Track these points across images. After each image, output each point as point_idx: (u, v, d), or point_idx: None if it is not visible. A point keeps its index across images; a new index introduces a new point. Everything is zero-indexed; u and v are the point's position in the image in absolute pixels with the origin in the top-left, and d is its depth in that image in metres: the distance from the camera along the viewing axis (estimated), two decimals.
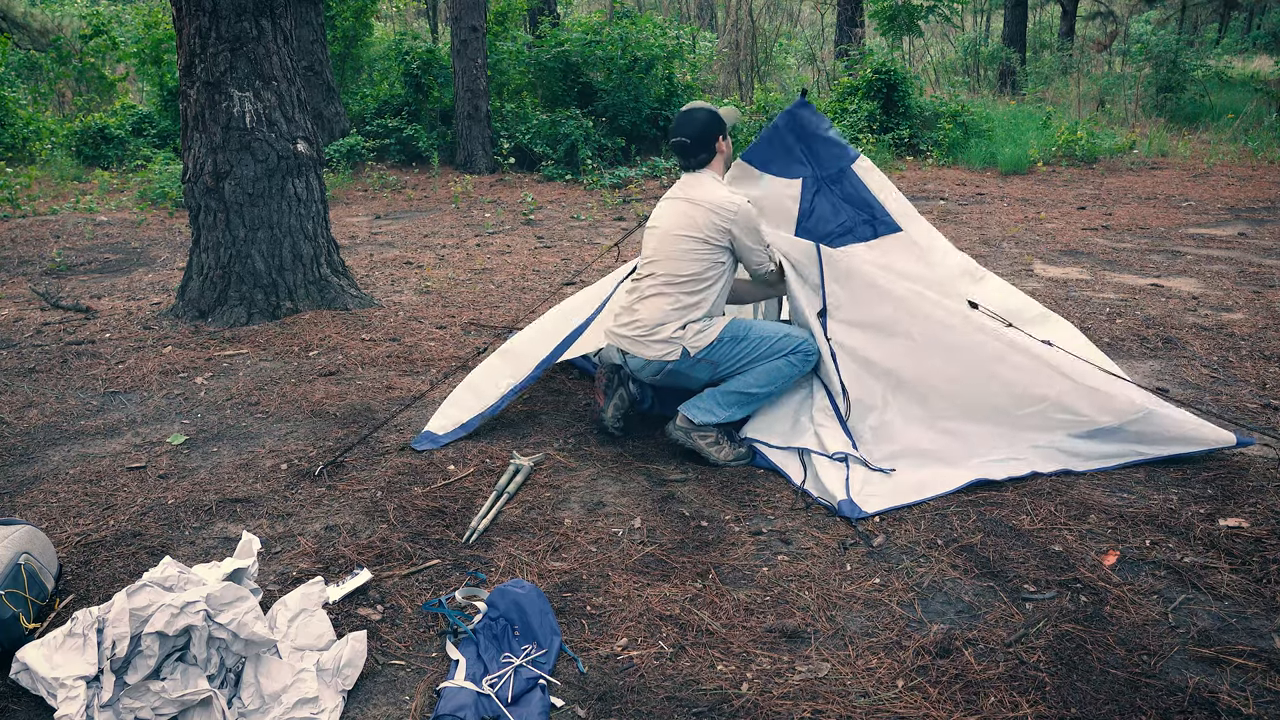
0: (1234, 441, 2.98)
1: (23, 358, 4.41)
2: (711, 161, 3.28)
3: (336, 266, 5.23)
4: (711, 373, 3.18)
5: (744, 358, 3.16)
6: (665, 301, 3.15)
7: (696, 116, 3.25)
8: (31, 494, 3.01)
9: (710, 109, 3.29)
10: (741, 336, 3.16)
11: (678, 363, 3.15)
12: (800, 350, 3.17)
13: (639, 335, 3.18)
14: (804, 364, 3.19)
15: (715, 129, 3.25)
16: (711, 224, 3.12)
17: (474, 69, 10.68)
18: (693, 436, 3.16)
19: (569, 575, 2.51)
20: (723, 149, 3.29)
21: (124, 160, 11.23)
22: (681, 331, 3.13)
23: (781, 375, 3.17)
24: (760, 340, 3.16)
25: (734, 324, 3.19)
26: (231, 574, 2.21)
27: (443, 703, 1.98)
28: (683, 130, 3.23)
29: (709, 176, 3.25)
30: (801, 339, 3.20)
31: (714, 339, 3.14)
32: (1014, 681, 2.04)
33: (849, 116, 12.19)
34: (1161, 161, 10.95)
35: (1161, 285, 5.53)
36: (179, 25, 4.67)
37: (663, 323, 3.14)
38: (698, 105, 3.30)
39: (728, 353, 3.15)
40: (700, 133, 3.22)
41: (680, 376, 3.20)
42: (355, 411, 3.68)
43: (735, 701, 2.00)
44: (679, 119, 3.26)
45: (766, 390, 3.18)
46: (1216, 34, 21.10)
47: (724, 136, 3.28)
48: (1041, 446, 3.06)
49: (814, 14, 25.93)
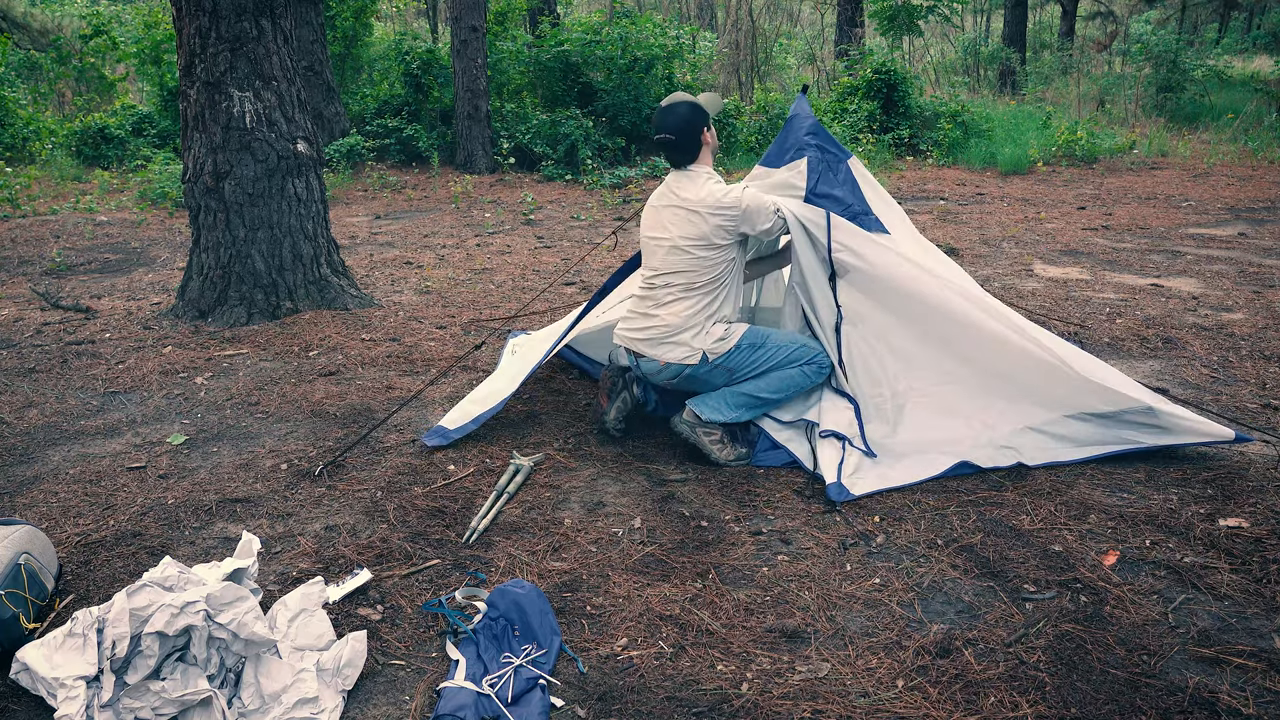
0: (1232, 437, 2.99)
1: (23, 358, 4.41)
2: (700, 155, 3.19)
3: (336, 266, 5.23)
4: (727, 379, 3.19)
5: (760, 365, 3.16)
6: (686, 306, 3.14)
7: (678, 111, 3.14)
8: (31, 494, 3.01)
9: (690, 101, 3.17)
10: (759, 344, 3.17)
11: (695, 367, 3.15)
12: (815, 361, 3.19)
13: (659, 338, 3.17)
14: (817, 375, 3.20)
15: (700, 121, 3.14)
16: (718, 229, 3.09)
17: (474, 69, 10.68)
18: (697, 432, 3.17)
19: (569, 575, 2.51)
20: (708, 140, 3.19)
21: (124, 160, 11.23)
22: (704, 336, 3.13)
23: (794, 384, 3.18)
24: (777, 349, 3.17)
25: (751, 331, 3.19)
26: (231, 574, 2.21)
27: (443, 703, 1.98)
28: (666, 126, 3.13)
29: (700, 172, 3.17)
30: (817, 350, 3.21)
31: (733, 345, 3.14)
32: (1014, 681, 2.04)
33: (849, 116, 12.19)
34: (1161, 161, 10.95)
35: (1161, 285, 5.53)
36: (179, 25, 4.67)
37: (687, 327, 3.14)
38: (678, 99, 3.18)
39: (745, 359, 3.15)
40: (684, 127, 3.12)
41: (696, 381, 3.20)
42: (355, 411, 3.68)
43: (735, 701, 2.00)
44: (660, 115, 3.15)
45: (777, 397, 3.19)
46: (1216, 34, 21.10)
47: (708, 127, 3.18)
48: (1036, 428, 3.10)
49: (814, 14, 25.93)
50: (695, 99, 3.18)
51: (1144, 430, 3.02)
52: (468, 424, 3.38)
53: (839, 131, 11.58)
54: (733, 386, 3.19)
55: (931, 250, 3.56)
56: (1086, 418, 3.07)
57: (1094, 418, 3.06)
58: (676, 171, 3.22)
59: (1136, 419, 3.02)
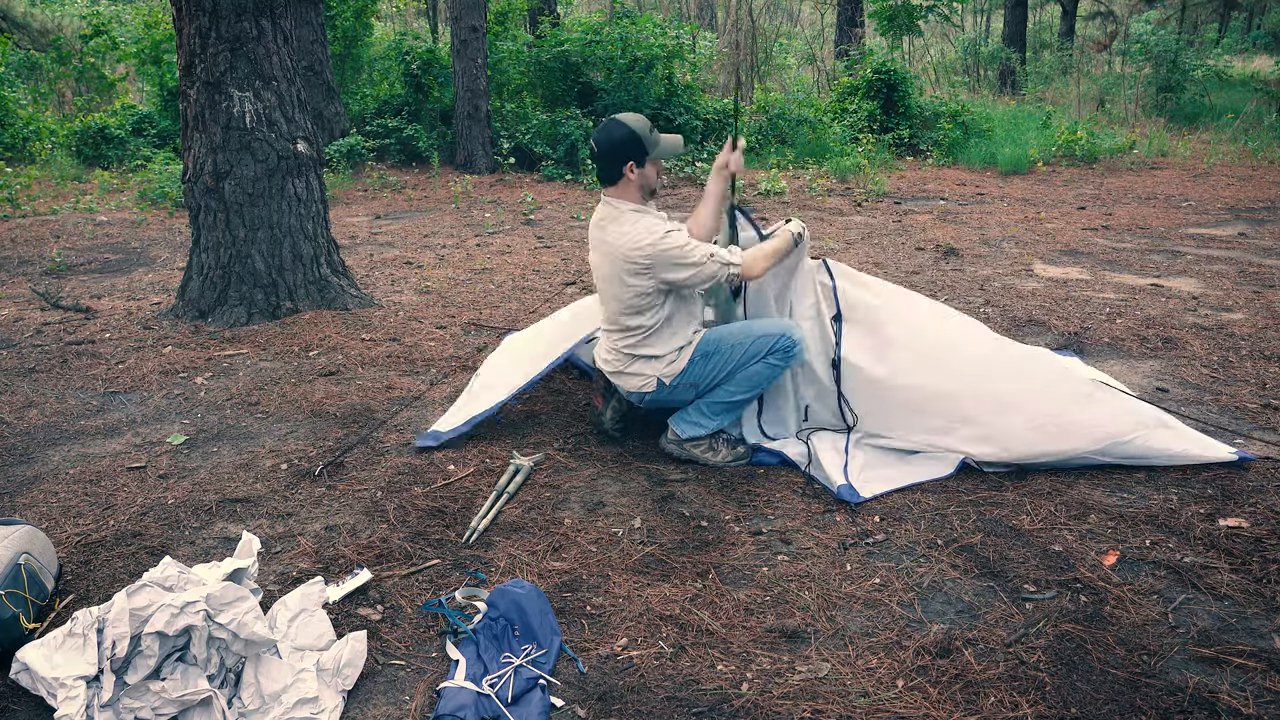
0: (1234, 458, 3.00)
1: (23, 358, 4.41)
2: (618, 184, 2.98)
3: (336, 266, 5.23)
4: (694, 394, 3.15)
5: (721, 370, 3.09)
6: (628, 340, 3.11)
7: (611, 132, 2.93)
8: (31, 494, 3.01)
9: (632, 130, 2.91)
10: (712, 351, 3.07)
11: (655, 393, 3.14)
12: (778, 349, 3.05)
13: (618, 368, 3.17)
14: (784, 360, 3.08)
15: (626, 153, 2.92)
16: (631, 273, 2.94)
17: (474, 69, 10.68)
18: (685, 448, 3.17)
19: (569, 575, 2.51)
20: (631, 176, 2.95)
21: (124, 160, 11.22)
22: (655, 363, 3.10)
23: (762, 378, 3.10)
24: (732, 349, 3.06)
25: (703, 341, 3.11)
26: (231, 574, 2.21)
27: (443, 703, 1.98)
28: (595, 137, 2.97)
29: (623, 207, 2.98)
30: (777, 336, 3.04)
31: (686, 363, 3.09)
32: (1014, 681, 2.04)
33: (849, 116, 12.20)
34: (1161, 161, 10.95)
35: (1161, 285, 5.53)
36: (179, 25, 4.67)
37: (637, 356, 3.11)
38: (624, 120, 2.94)
39: (703, 371, 3.09)
40: (607, 150, 2.94)
41: (664, 402, 3.18)
42: (355, 411, 3.68)
43: (735, 701, 2.00)
44: (603, 122, 2.99)
45: (750, 395, 3.15)
46: (1216, 34, 21.12)
47: (638, 164, 2.94)
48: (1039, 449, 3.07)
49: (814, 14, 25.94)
50: (645, 132, 2.94)
51: (1136, 458, 3.01)
52: (460, 426, 3.39)
53: (839, 131, 11.58)
54: (704, 398, 3.15)
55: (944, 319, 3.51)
56: (1088, 455, 3.02)
57: (1094, 454, 3.02)
58: (603, 193, 3.06)
59: (1126, 451, 2.99)
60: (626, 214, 2.97)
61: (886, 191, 9.36)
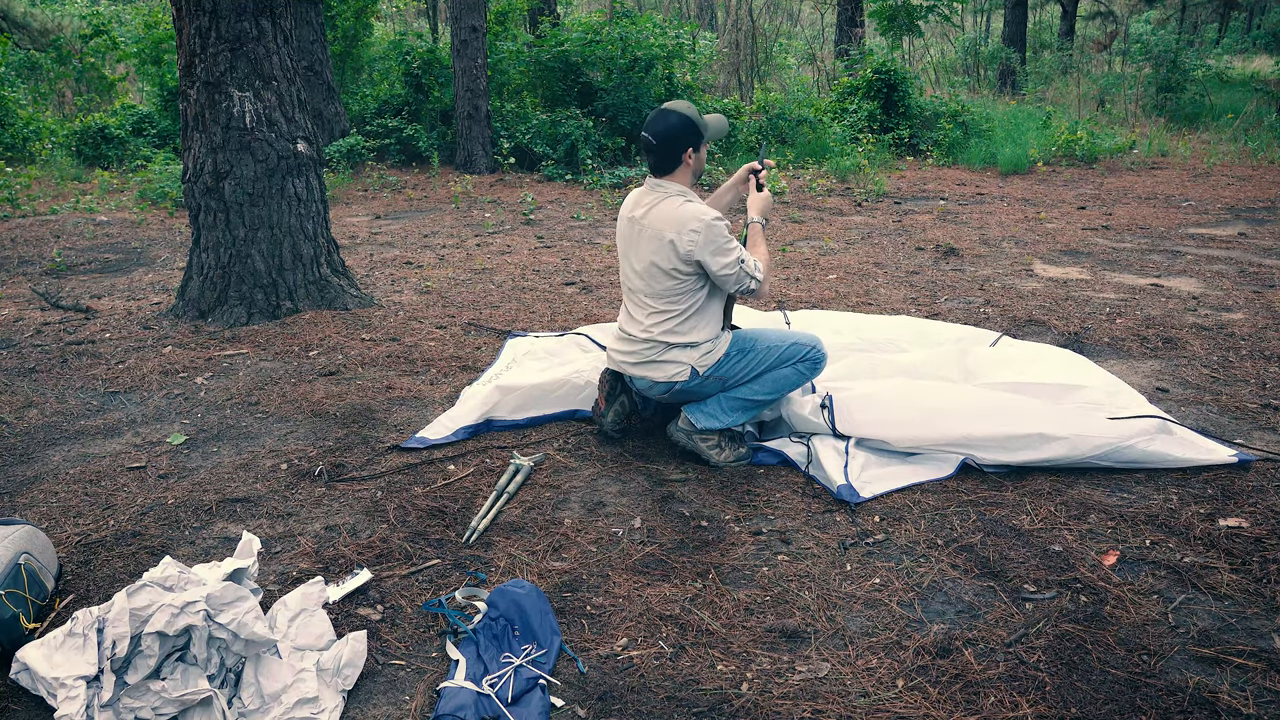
0: (1235, 460, 3.01)
1: (23, 358, 4.41)
2: (675, 171, 3.07)
3: (336, 266, 5.23)
4: (720, 387, 3.16)
5: (752, 369, 3.14)
6: (662, 330, 3.10)
7: (669, 119, 3.00)
8: (31, 494, 3.01)
9: (687, 116, 3.01)
10: (748, 349, 3.14)
11: (686, 382, 3.13)
12: (808, 358, 3.15)
13: (645, 360, 3.15)
14: (811, 370, 3.18)
15: (687, 140, 3.01)
16: (677, 256, 2.98)
17: (474, 69, 10.68)
18: (694, 439, 3.17)
19: (569, 575, 2.51)
20: (689, 161, 3.06)
21: (124, 160, 11.22)
22: (691, 351, 3.11)
23: (788, 383, 3.17)
24: (767, 350, 3.14)
25: (739, 337, 3.17)
26: (231, 574, 2.21)
27: (443, 703, 1.98)
28: (651, 129, 3.01)
29: (673, 191, 3.06)
30: (808, 346, 3.16)
31: (722, 354, 3.12)
32: (1014, 681, 2.04)
33: (849, 116, 12.19)
34: (1161, 161, 10.95)
35: (1161, 285, 5.53)
36: (179, 25, 4.67)
37: (672, 345, 3.10)
38: (677, 108, 3.03)
39: (735, 366, 3.13)
40: (667, 139, 3.00)
41: (690, 394, 3.18)
42: (355, 411, 3.68)
43: (735, 701, 2.00)
44: (653, 116, 3.03)
45: (771, 398, 3.19)
46: (1216, 34, 21.12)
47: (695, 149, 3.05)
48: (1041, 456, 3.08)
49: (814, 14, 25.94)
50: (696, 116, 3.04)
51: (1133, 461, 3.01)
52: (448, 436, 3.39)
53: (839, 131, 11.58)
54: (727, 392, 3.17)
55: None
56: (1090, 460, 3.03)
57: (1096, 459, 3.03)
58: (651, 179, 3.12)
59: (1124, 457, 3.00)
60: (674, 197, 3.05)
61: (886, 191, 9.36)
